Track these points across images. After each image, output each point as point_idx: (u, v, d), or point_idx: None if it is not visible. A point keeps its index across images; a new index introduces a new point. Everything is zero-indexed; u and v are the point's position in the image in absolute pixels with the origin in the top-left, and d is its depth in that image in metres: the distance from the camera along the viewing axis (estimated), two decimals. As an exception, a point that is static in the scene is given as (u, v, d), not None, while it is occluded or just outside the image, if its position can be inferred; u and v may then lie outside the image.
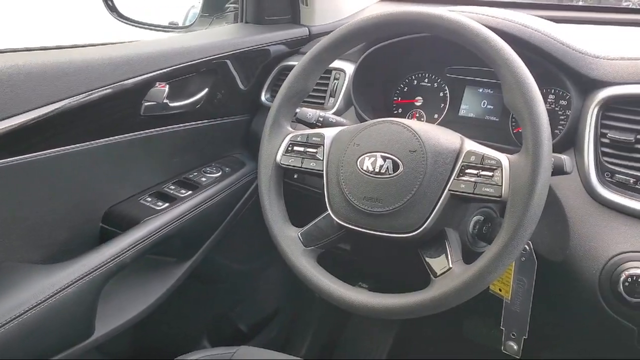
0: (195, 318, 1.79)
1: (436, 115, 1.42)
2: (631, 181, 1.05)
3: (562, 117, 1.22)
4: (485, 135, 1.28)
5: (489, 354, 1.36)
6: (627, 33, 1.44)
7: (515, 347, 1.16)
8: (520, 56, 0.95)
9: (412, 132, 1.01)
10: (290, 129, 1.17)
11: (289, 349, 1.94)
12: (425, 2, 1.81)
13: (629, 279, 0.98)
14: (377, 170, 1.01)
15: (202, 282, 1.67)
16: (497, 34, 0.96)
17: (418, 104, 1.45)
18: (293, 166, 1.12)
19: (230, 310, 1.87)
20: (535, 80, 1.23)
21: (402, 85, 1.47)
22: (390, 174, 1.00)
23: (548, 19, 1.38)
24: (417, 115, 1.44)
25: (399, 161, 1.00)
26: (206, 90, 1.45)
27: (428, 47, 1.37)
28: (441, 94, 1.42)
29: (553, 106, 1.25)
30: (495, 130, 1.32)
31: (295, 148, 1.13)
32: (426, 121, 1.42)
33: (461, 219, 1.08)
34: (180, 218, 1.35)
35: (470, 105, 1.38)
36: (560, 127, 1.21)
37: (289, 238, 1.10)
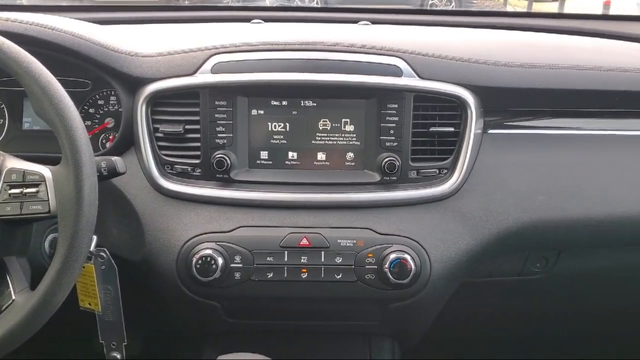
0: None
1: (-4, 133, 1.27)
2: (189, 169, 1.12)
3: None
4: (57, 147, 1.20)
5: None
6: (219, 29, 1.51)
7: (119, 356, 1.14)
8: (57, 61, 0.92)
9: None
10: None
11: None
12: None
13: (200, 261, 1.05)
14: None
15: None
16: (21, 39, 0.90)
17: (-30, 123, 1.27)
18: None
19: None
20: (92, 85, 1.22)
21: (-51, 105, 1.27)
22: None
23: (110, 21, 1.37)
24: (-25, 136, 1.26)
25: None
26: None
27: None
28: (-3, 109, 1.27)
29: (117, 107, 1.24)
30: None
31: None
32: None
33: (26, 244, 0.99)
34: None
35: (33, 118, 1.27)
36: None
37: None
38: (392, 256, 1.05)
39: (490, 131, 1.19)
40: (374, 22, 1.47)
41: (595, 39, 1.53)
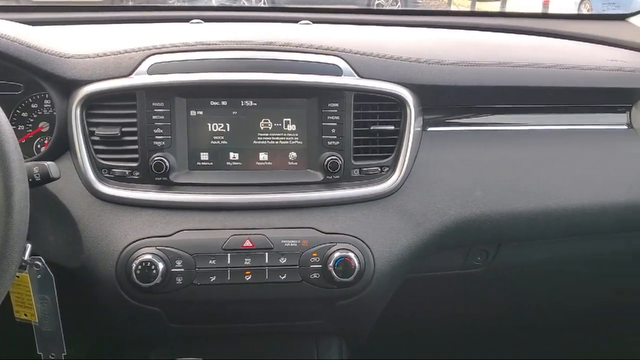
0: None
1: None
2: (127, 173, 1.09)
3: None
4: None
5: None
6: (155, 29, 1.47)
7: (63, 367, 1.10)
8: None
9: None
10: None
11: None
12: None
13: (140, 266, 1.02)
14: None
15: None
16: None
17: None
18: None
19: None
20: (23, 89, 1.17)
21: None
22: None
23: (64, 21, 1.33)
24: None
25: None
26: None
27: None
28: None
29: (51, 111, 1.20)
30: None
31: None
32: None
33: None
34: None
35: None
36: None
37: None
38: (336, 255, 1.06)
39: (430, 129, 1.21)
40: (315, 21, 1.47)
41: (534, 37, 1.57)
